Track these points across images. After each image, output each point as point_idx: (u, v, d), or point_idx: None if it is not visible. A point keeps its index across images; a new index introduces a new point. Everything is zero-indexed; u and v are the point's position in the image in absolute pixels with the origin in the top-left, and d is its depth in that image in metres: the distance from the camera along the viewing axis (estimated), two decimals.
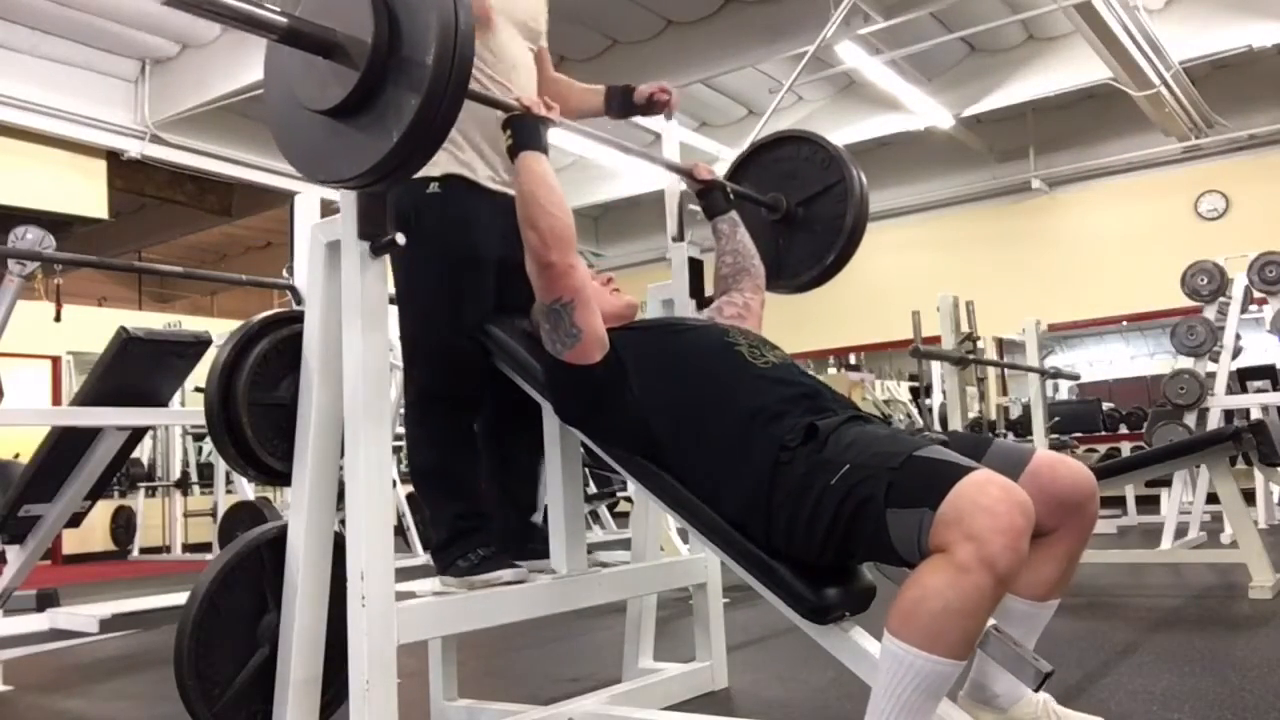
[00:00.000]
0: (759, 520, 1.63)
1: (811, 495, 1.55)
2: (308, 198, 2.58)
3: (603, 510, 6.59)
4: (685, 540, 3.83)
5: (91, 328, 6.25)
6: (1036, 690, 1.66)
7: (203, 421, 1.96)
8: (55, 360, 9.19)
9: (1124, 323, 10.04)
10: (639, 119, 2.61)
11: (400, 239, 1.71)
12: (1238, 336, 6.27)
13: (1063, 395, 10.10)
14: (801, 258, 2.47)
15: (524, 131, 1.84)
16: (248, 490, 5.72)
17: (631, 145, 2.32)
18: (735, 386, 1.75)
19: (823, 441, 1.59)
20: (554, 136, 1.94)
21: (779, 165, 2.52)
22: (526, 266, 1.84)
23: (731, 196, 2.34)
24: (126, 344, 2.81)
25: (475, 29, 1.52)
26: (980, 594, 1.35)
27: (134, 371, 2.89)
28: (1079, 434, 8.02)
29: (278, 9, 1.44)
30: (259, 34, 1.44)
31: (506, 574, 1.98)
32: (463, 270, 2.01)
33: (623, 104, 2.45)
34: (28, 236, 3.32)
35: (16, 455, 4.23)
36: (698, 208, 2.39)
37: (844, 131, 9.18)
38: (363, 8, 1.41)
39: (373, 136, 1.44)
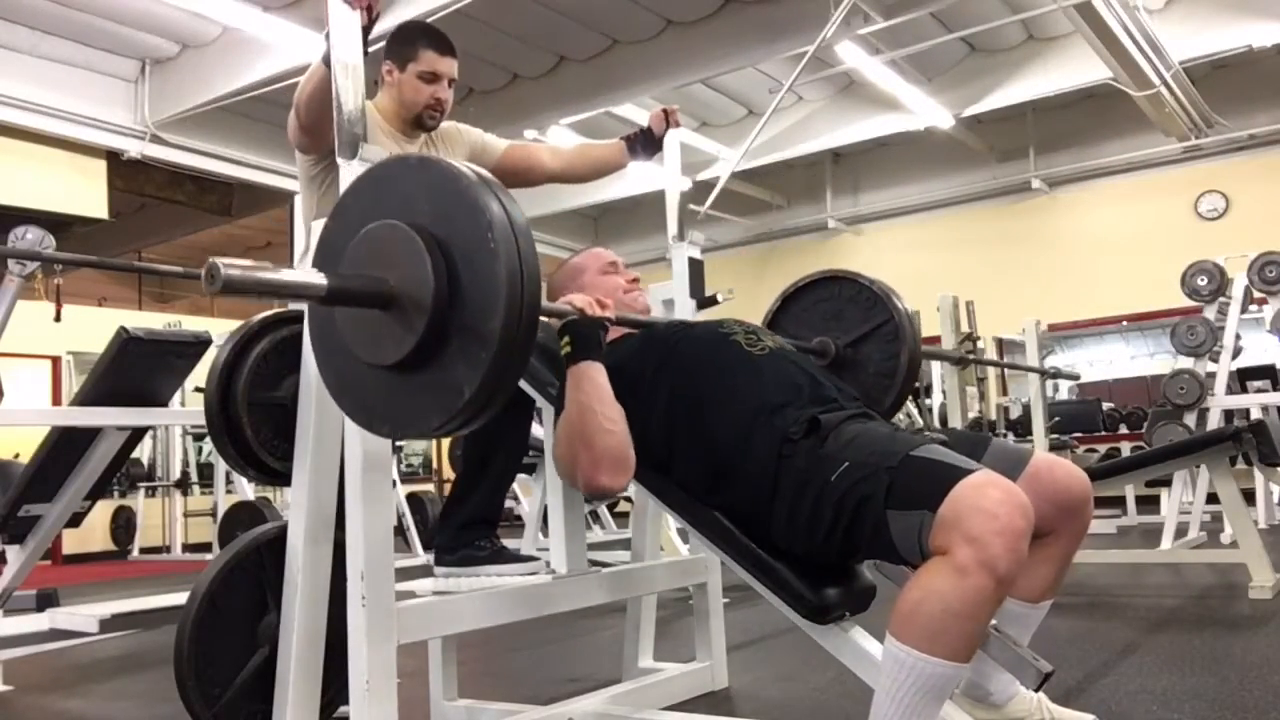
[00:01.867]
0: (760, 514, 1.64)
1: (812, 490, 1.55)
2: None
3: (603, 510, 6.59)
4: (685, 540, 3.83)
5: (91, 328, 6.24)
6: (1037, 690, 1.66)
7: (203, 421, 1.96)
8: (55, 360, 9.19)
9: (1124, 323, 10.03)
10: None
11: None
12: (1238, 336, 6.27)
13: (1063, 395, 10.10)
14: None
15: (582, 340, 1.73)
16: (248, 490, 5.72)
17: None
18: (735, 376, 1.75)
19: (824, 436, 1.60)
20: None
21: (821, 306, 2.40)
22: (557, 467, 1.79)
23: None
24: (126, 344, 2.81)
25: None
26: (981, 596, 1.35)
27: (134, 371, 2.89)
28: (1079, 434, 8.02)
29: (319, 273, 1.31)
30: (308, 301, 1.32)
31: (522, 566, 2.07)
32: None
33: (646, 144, 2.49)
34: (28, 236, 3.32)
35: (16, 455, 4.23)
36: (698, 207, 2.38)
37: (844, 131, 9.21)
38: (418, 259, 1.27)
39: (438, 395, 1.30)
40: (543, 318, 1.71)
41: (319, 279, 1.29)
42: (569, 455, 1.70)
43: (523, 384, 2.08)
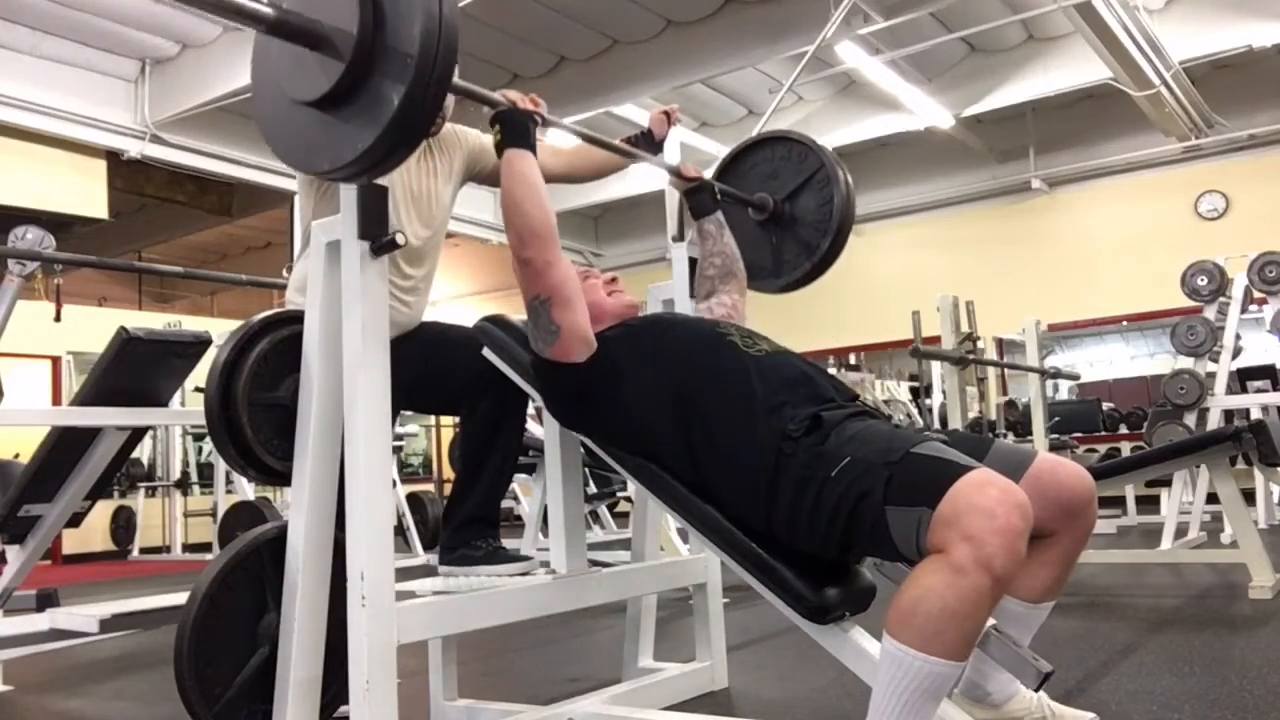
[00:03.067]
0: (760, 511, 1.64)
1: (812, 487, 1.55)
2: None
3: (603, 510, 6.59)
4: (685, 540, 3.83)
5: (91, 328, 6.24)
6: (1036, 690, 1.66)
7: (203, 421, 1.96)
8: (55, 360, 9.19)
9: (1124, 323, 10.03)
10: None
11: (400, 239, 1.71)
12: (1238, 336, 6.28)
13: (1063, 395, 10.10)
14: (796, 252, 2.45)
15: (511, 128, 1.86)
16: (248, 490, 5.71)
17: (623, 145, 2.31)
18: (733, 375, 1.75)
19: (825, 434, 1.60)
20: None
21: (757, 169, 2.51)
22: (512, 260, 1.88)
23: (719, 196, 2.34)
24: (126, 344, 2.81)
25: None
26: (978, 595, 1.34)
27: (134, 371, 2.89)
28: (1079, 434, 8.02)
29: (265, 1, 1.45)
30: (247, 25, 1.45)
31: (515, 566, 2.07)
32: None
33: (648, 146, 2.49)
34: (28, 236, 3.33)
35: (16, 455, 4.23)
36: None
37: (844, 131, 9.20)
38: (348, 1, 1.42)
39: (358, 127, 1.44)
40: (476, 101, 1.84)
41: (266, 8, 1.43)
42: (506, 228, 1.85)
43: (521, 382, 2.08)
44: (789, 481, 1.59)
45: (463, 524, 2.20)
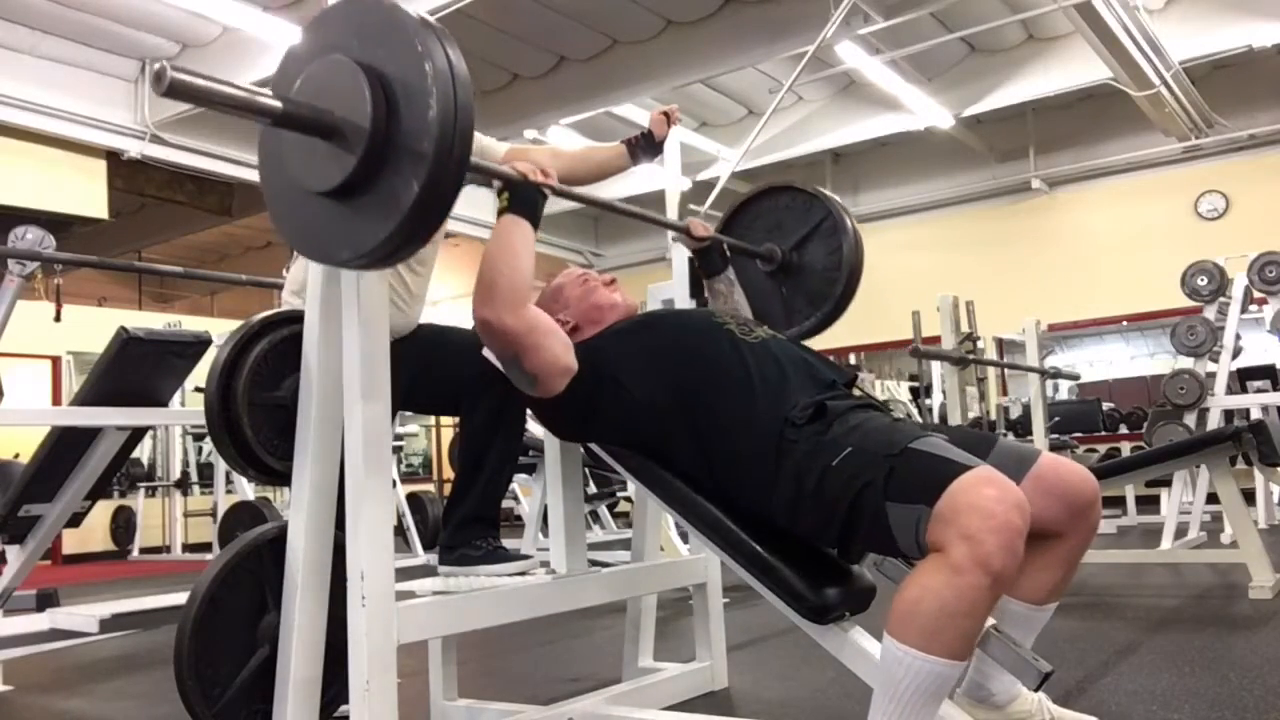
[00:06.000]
0: (762, 498, 1.64)
1: (814, 475, 1.55)
2: None
3: (603, 510, 6.59)
4: (685, 540, 3.83)
5: (91, 328, 6.24)
6: (1036, 690, 1.66)
7: (203, 421, 1.96)
8: (55, 360, 9.19)
9: (1124, 323, 10.04)
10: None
11: None
12: (1238, 336, 6.28)
13: (1063, 395, 10.10)
14: (809, 299, 2.41)
15: (519, 197, 1.81)
16: (248, 490, 5.72)
17: (629, 207, 2.26)
18: (731, 362, 1.75)
19: (829, 422, 1.60)
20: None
21: (761, 221, 2.47)
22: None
23: (728, 253, 2.32)
24: (126, 344, 2.81)
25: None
26: (976, 594, 1.34)
27: (134, 371, 2.89)
28: (1079, 434, 8.02)
29: (271, 94, 1.41)
30: (255, 119, 1.40)
31: (513, 565, 2.07)
32: None
33: (648, 147, 2.48)
34: (28, 236, 3.33)
35: (16, 455, 4.23)
36: (698, 207, 2.38)
37: (844, 131, 9.22)
38: (359, 90, 1.38)
39: (373, 219, 1.40)
40: (491, 178, 1.82)
41: (273, 101, 1.38)
42: (477, 284, 1.78)
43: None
44: (790, 468, 1.59)
45: (462, 524, 2.20)
